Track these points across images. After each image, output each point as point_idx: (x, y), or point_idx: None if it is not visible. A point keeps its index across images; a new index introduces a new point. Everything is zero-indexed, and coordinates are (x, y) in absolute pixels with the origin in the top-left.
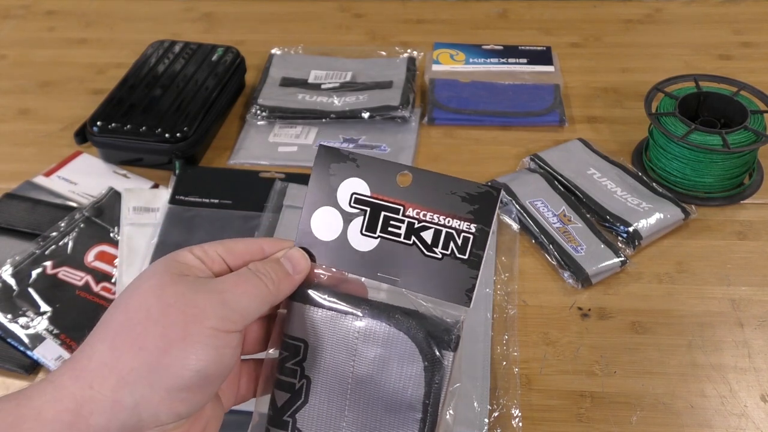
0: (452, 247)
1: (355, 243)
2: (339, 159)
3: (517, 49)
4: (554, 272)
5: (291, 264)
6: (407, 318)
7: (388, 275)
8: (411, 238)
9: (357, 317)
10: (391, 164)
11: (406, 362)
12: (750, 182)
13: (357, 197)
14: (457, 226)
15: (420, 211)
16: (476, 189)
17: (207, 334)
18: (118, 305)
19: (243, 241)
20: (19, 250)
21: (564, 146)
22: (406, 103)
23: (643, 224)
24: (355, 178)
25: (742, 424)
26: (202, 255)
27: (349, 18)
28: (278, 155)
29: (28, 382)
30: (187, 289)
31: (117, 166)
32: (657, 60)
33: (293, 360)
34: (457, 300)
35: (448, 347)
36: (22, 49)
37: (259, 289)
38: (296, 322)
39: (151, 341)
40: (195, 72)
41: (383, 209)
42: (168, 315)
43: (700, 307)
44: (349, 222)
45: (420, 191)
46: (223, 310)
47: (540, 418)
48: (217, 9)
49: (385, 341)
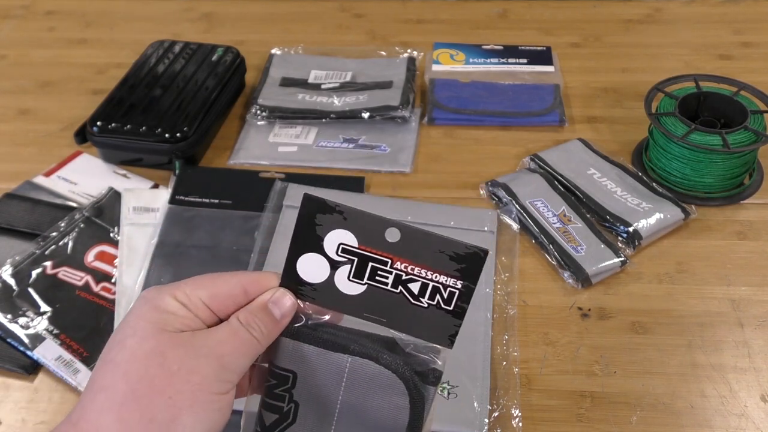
0: (438, 298)
1: (342, 287)
2: (325, 210)
3: (517, 49)
4: (554, 272)
5: (278, 309)
6: (395, 358)
7: (375, 316)
8: (398, 287)
9: (346, 356)
10: (379, 219)
11: (393, 395)
12: (750, 182)
13: (344, 248)
14: (443, 282)
15: (408, 265)
16: (464, 249)
17: (211, 400)
18: (116, 370)
19: (224, 282)
20: (19, 250)
21: (564, 146)
22: (406, 103)
23: (643, 224)
24: (341, 230)
25: (742, 424)
26: (186, 301)
27: (349, 18)
28: (278, 155)
29: (28, 382)
30: (187, 354)
31: (117, 166)
32: (657, 60)
33: (282, 387)
34: (439, 342)
35: (431, 383)
36: (22, 49)
37: (253, 346)
38: (284, 354)
39: (159, 413)
40: (195, 72)
41: (371, 260)
42: (173, 385)
43: (700, 307)
44: (336, 269)
45: (408, 247)
46: (223, 374)
47: (540, 418)
48: (217, 9)
49: (374, 378)
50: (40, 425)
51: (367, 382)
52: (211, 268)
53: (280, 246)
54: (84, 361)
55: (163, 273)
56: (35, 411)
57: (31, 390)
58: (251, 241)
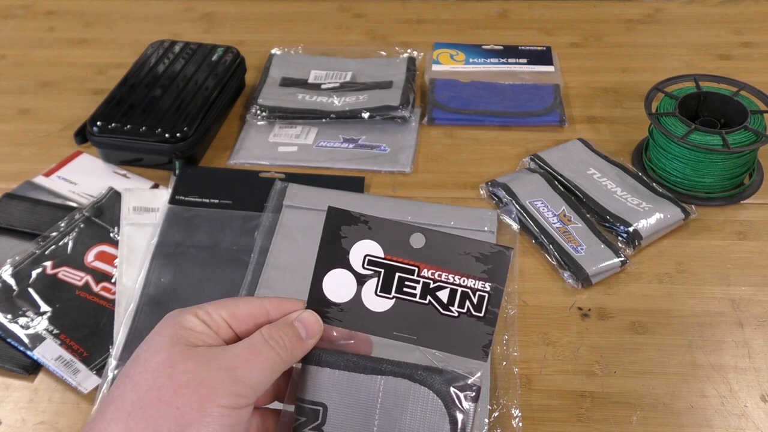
0: (468, 305)
1: (369, 304)
2: (350, 221)
3: (517, 49)
4: (554, 272)
5: (304, 328)
6: (430, 374)
7: (404, 334)
8: (427, 297)
9: (379, 377)
10: (404, 225)
11: (432, 416)
12: (750, 182)
13: (370, 259)
14: (472, 285)
15: (435, 272)
16: (489, 249)
17: (220, 413)
18: (127, 381)
19: (246, 303)
20: (19, 250)
21: (564, 146)
22: (406, 103)
23: (643, 224)
24: (367, 240)
25: (742, 424)
26: (207, 319)
27: (349, 18)
28: (278, 155)
29: (28, 382)
30: (198, 366)
31: (117, 166)
32: (657, 60)
33: (312, 425)
34: (473, 355)
35: (471, 399)
36: (22, 49)
37: (272, 360)
38: (312, 385)
39: (164, 424)
40: (195, 72)
41: (398, 270)
42: (181, 395)
43: (700, 307)
44: (362, 284)
45: (433, 252)
46: (236, 387)
47: (540, 418)
48: (217, 9)
49: (410, 397)
50: (40, 425)
51: (403, 403)
52: (211, 268)
53: (280, 246)
54: (84, 361)
55: (163, 273)
56: (35, 411)
57: (31, 390)
58: (251, 241)
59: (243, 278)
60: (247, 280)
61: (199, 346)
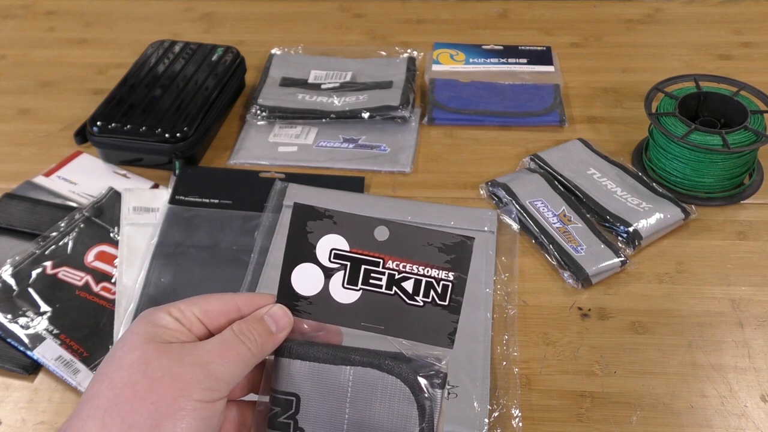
0: (432, 294)
1: (337, 296)
2: (315, 217)
3: (517, 49)
4: (554, 272)
5: (274, 322)
6: (397, 363)
7: (372, 324)
8: (392, 288)
9: (348, 367)
10: (368, 219)
11: (400, 404)
12: (750, 182)
13: (336, 253)
14: (436, 275)
15: (399, 263)
16: (451, 239)
17: (194, 407)
18: (103, 379)
19: (218, 299)
20: (19, 250)
21: (564, 146)
22: (406, 103)
23: (643, 224)
24: (333, 235)
25: (742, 424)
26: (179, 316)
27: (349, 18)
28: (278, 155)
29: (28, 382)
30: (171, 362)
31: (117, 166)
32: (657, 60)
33: (286, 414)
34: (439, 343)
35: (438, 386)
36: (22, 49)
37: (243, 354)
38: (284, 376)
39: (140, 419)
40: (195, 72)
41: (363, 263)
42: (155, 390)
43: (700, 307)
44: (330, 277)
45: (398, 244)
46: (208, 381)
47: (540, 418)
48: (217, 9)
49: (379, 387)
50: (40, 425)
51: (372, 392)
52: (210, 268)
53: (280, 246)
54: (84, 361)
55: (163, 273)
56: (35, 411)
57: (31, 390)
58: (251, 241)
59: (243, 278)
60: (247, 280)
61: (172, 343)
